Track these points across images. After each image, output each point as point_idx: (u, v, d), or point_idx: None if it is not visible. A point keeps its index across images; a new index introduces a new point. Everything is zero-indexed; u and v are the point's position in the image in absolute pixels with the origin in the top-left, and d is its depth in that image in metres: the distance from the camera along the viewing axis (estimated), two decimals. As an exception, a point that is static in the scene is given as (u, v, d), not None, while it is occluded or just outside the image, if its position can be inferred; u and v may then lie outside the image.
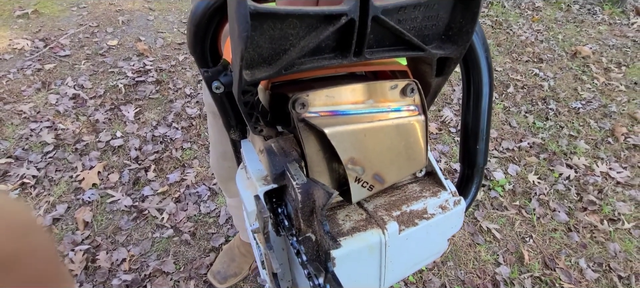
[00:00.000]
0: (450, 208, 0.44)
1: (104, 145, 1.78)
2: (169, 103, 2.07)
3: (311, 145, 0.39)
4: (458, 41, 0.37)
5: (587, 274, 1.46)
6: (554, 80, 2.55)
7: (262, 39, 0.29)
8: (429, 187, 0.46)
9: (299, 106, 0.36)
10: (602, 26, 3.31)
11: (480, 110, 0.49)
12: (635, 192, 1.80)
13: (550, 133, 2.12)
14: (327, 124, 0.37)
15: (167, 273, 1.35)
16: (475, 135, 0.50)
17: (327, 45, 0.33)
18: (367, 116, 0.39)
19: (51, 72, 2.18)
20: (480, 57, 0.46)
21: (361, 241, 0.38)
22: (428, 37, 0.37)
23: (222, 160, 0.89)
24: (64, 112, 1.93)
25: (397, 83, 0.40)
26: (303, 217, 0.35)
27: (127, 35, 2.60)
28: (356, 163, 0.38)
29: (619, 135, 2.12)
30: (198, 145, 1.84)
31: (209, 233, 1.48)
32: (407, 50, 0.36)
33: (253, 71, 0.31)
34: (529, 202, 1.72)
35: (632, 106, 2.37)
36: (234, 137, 0.52)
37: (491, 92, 0.49)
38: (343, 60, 0.34)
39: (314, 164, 0.39)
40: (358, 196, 0.41)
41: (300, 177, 0.36)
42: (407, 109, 0.41)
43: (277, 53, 0.31)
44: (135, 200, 1.57)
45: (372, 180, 0.40)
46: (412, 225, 0.41)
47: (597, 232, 1.62)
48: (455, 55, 0.39)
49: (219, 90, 0.41)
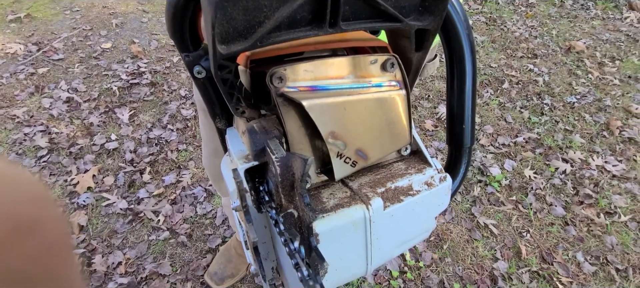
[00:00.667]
0: (436, 185, 0.44)
1: (99, 149, 1.77)
2: (163, 105, 2.06)
3: (291, 122, 0.38)
4: (434, 11, 0.38)
5: (584, 267, 1.47)
6: (549, 76, 2.56)
7: (235, 10, 0.29)
8: (414, 164, 0.46)
9: (276, 80, 0.36)
10: (595, 21, 3.33)
11: (465, 92, 0.49)
12: (631, 184, 1.81)
13: (545, 128, 2.12)
14: (305, 97, 0.37)
15: (163, 275, 1.34)
16: (461, 116, 0.50)
17: (302, 17, 0.33)
18: (347, 91, 0.39)
19: (44, 76, 2.16)
20: (462, 37, 0.47)
21: (345, 217, 0.38)
22: (405, 9, 0.37)
23: (214, 157, 0.88)
24: (58, 115, 1.91)
25: (377, 58, 0.40)
26: (283, 191, 0.35)
27: (120, 37, 2.59)
28: (337, 137, 0.38)
29: (614, 128, 2.13)
30: (193, 147, 1.83)
31: (206, 235, 1.47)
32: (385, 22, 0.36)
33: (228, 45, 0.31)
34: (526, 197, 1.72)
35: (626, 100, 2.38)
36: (220, 126, 0.52)
37: (474, 73, 0.49)
38: (319, 31, 0.34)
39: (295, 141, 0.39)
40: (341, 173, 0.40)
41: (280, 151, 0.36)
42: (388, 85, 0.41)
43: (251, 25, 0.31)
44: (131, 202, 1.56)
45: (355, 156, 0.40)
46: (397, 202, 0.41)
47: (593, 226, 1.62)
48: (433, 26, 0.39)
49: (201, 74, 0.41)
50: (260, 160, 0.38)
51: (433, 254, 1.48)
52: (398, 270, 1.41)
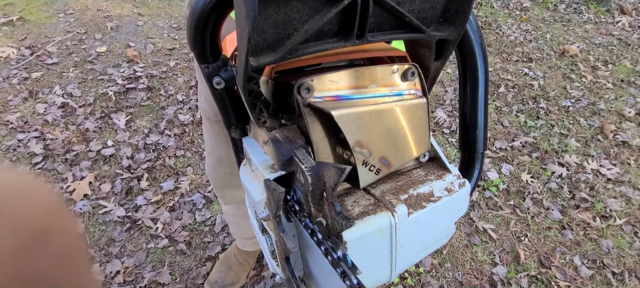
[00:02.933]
0: (455, 191, 0.45)
1: (95, 155, 1.75)
2: (160, 110, 2.04)
3: (317, 131, 0.39)
4: (455, 22, 0.39)
5: (581, 271, 1.48)
6: (544, 79, 2.60)
7: (266, 23, 0.30)
8: (433, 171, 0.47)
9: (304, 91, 0.37)
10: (588, 25, 3.38)
11: (477, 98, 0.50)
12: (625, 188, 1.84)
13: (541, 132, 2.15)
14: (333, 107, 0.37)
15: (162, 284, 1.32)
16: (474, 122, 0.51)
17: (329, 30, 0.34)
18: (370, 100, 0.40)
19: (38, 80, 2.13)
20: (475, 46, 0.48)
21: (372, 224, 0.38)
22: (426, 20, 0.38)
23: (218, 166, 0.87)
24: (53, 121, 1.89)
25: (397, 67, 0.41)
26: (313, 200, 0.35)
27: (116, 41, 2.56)
28: (363, 146, 0.39)
29: (608, 132, 2.16)
30: (192, 152, 1.82)
31: (205, 242, 1.46)
32: (408, 32, 0.38)
33: (258, 57, 0.32)
34: (523, 201, 1.74)
35: (619, 103, 2.42)
36: (234, 136, 0.53)
37: (487, 80, 0.50)
38: (346, 43, 0.35)
39: (320, 150, 0.40)
40: (366, 181, 0.41)
41: (309, 160, 0.37)
42: (408, 93, 0.42)
43: (281, 38, 0.32)
44: (129, 210, 1.54)
45: (379, 163, 0.41)
46: (420, 208, 0.41)
47: (590, 229, 1.64)
48: (453, 37, 0.40)
49: (220, 85, 0.41)
50: (288, 169, 0.39)
51: (433, 259, 1.49)
52: (398, 276, 1.42)
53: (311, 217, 0.35)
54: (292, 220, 0.40)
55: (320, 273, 0.40)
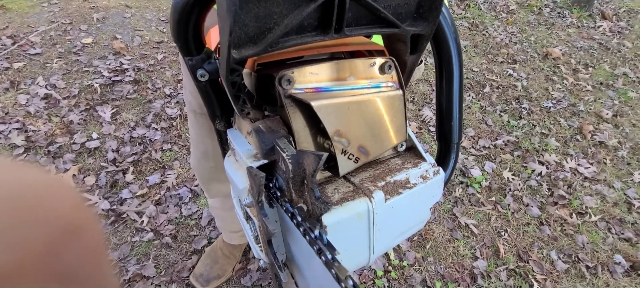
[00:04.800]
0: (430, 178, 0.47)
1: (79, 147, 1.72)
2: (147, 103, 2.02)
3: (298, 121, 0.41)
4: (428, 18, 0.41)
5: (557, 265, 1.54)
6: (527, 81, 2.67)
7: (247, 17, 0.31)
8: (410, 159, 0.49)
9: (285, 82, 0.39)
10: (571, 29, 3.49)
11: (453, 91, 0.53)
12: (601, 186, 1.91)
13: (523, 131, 2.21)
14: (313, 98, 0.39)
15: (147, 277, 1.32)
16: (449, 113, 0.54)
17: (309, 24, 0.36)
18: (349, 92, 0.42)
19: (20, 71, 2.08)
20: (450, 40, 0.50)
21: (350, 209, 0.40)
22: (402, 16, 0.40)
23: (204, 160, 0.88)
24: (35, 112, 1.84)
25: (375, 60, 0.43)
26: (294, 187, 0.37)
27: (102, 33, 2.51)
28: (342, 135, 0.41)
29: (586, 132, 2.24)
30: (179, 146, 1.81)
31: (191, 236, 1.46)
32: (384, 27, 0.40)
33: (240, 50, 0.33)
34: (504, 198, 1.79)
35: (598, 105, 2.51)
36: (219, 128, 0.54)
37: (461, 73, 0.52)
38: (325, 37, 0.36)
39: (301, 139, 0.42)
40: (345, 168, 0.43)
41: (290, 149, 0.38)
42: (386, 85, 0.44)
43: (262, 31, 0.33)
44: (113, 203, 1.52)
45: (358, 152, 0.43)
46: (397, 194, 0.44)
47: (566, 225, 1.71)
48: (427, 32, 0.42)
49: (204, 77, 0.42)
50: (270, 158, 0.40)
51: (416, 254, 1.52)
52: (382, 269, 1.45)
53: (292, 203, 0.37)
54: (274, 206, 0.42)
55: (301, 255, 0.42)
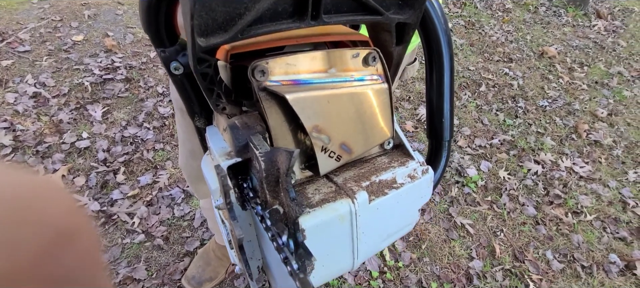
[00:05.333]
0: (418, 177, 0.44)
1: (69, 147, 1.68)
2: (139, 102, 1.98)
3: (274, 116, 0.38)
4: (414, 5, 0.38)
5: (553, 265, 1.54)
6: (523, 79, 2.66)
7: (214, 1, 0.29)
8: (397, 158, 0.46)
9: (258, 74, 0.36)
10: (566, 28, 3.49)
11: (443, 86, 0.50)
12: (596, 185, 1.91)
13: (519, 130, 2.21)
14: (289, 91, 0.36)
15: (138, 280, 1.29)
16: (440, 110, 0.51)
17: (283, 9, 0.33)
18: (330, 85, 0.39)
19: (9, 69, 2.03)
20: (440, 32, 0.47)
21: (331, 211, 0.38)
22: (385, 2, 0.37)
23: (191, 159, 0.85)
24: (24, 111, 1.80)
25: (358, 52, 0.40)
26: (268, 187, 0.34)
27: (93, 30, 2.47)
28: (321, 131, 0.38)
29: (581, 131, 2.24)
30: (171, 146, 1.78)
31: (183, 237, 1.44)
32: (366, 15, 0.37)
33: (208, 37, 0.31)
34: (500, 198, 1.78)
35: (593, 104, 2.51)
36: (199, 125, 0.51)
37: (452, 67, 0.50)
38: (301, 24, 0.34)
39: (278, 136, 0.39)
40: (326, 167, 0.40)
41: (264, 146, 0.35)
42: (370, 78, 0.41)
43: (232, 17, 0.31)
44: (103, 204, 1.49)
45: (340, 150, 0.40)
46: (382, 195, 0.41)
47: (562, 225, 1.70)
48: (413, 20, 0.40)
49: (178, 71, 0.39)
50: (244, 156, 0.37)
51: (412, 254, 1.51)
52: (378, 270, 1.43)
53: (267, 204, 0.34)
54: (247, 208, 0.39)
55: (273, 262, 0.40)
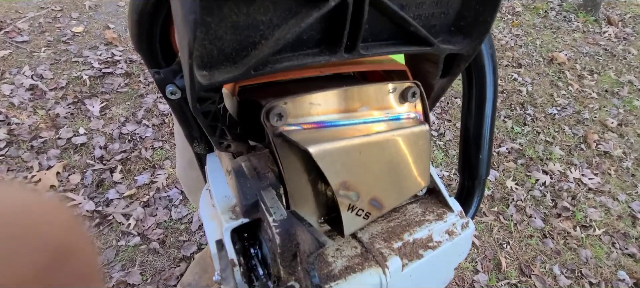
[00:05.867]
0: (458, 234, 0.38)
1: (65, 143, 1.64)
2: (139, 98, 1.93)
3: (291, 166, 0.31)
4: (472, 33, 0.30)
5: (560, 281, 1.49)
6: (532, 86, 2.61)
7: (221, 28, 0.22)
8: (432, 208, 0.40)
9: (274, 118, 0.29)
10: (576, 33, 3.42)
11: (484, 116, 0.44)
12: (605, 198, 1.86)
13: (527, 138, 2.15)
14: (312, 140, 0.29)
15: (132, 285, 1.25)
16: (477, 143, 0.45)
17: (309, 37, 0.26)
18: (360, 128, 0.32)
19: (6, 59, 1.98)
20: (485, 57, 0.41)
21: (358, 285, 0.32)
22: (435, 29, 0.30)
23: (190, 169, 0.80)
24: (20, 104, 1.75)
25: (395, 86, 0.34)
26: (283, 262, 0.28)
27: (94, 21, 2.41)
28: (350, 188, 0.31)
29: (591, 141, 2.18)
30: (170, 145, 1.73)
31: (180, 241, 1.39)
32: (411, 45, 0.30)
33: (212, 72, 0.24)
34: (507, 208, 1.73)
35: (603, 113, 2.45)
36: (198, 151, 0.44)
37: (495, 96, 0.44)
38: (331, 56, 0.26)
39: (295, 189, 0.32)
40: (352, 227, 0.34)
41: (279, 210, 0.29)
42: (407, 117, 0.35)
43: (243, 47, 0.24)
44: (99, 204, 1.45)
45: (369, 206, 0.33)
46: (417, 258, 0.35)
47: (570, 238, 1.66)
48: (467, 51, 0.32)
49: (175, 95, 0.32)
50: (252, 216, 0.31)
51: (415, 265, 1.46)
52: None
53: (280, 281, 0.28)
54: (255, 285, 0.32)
55: None
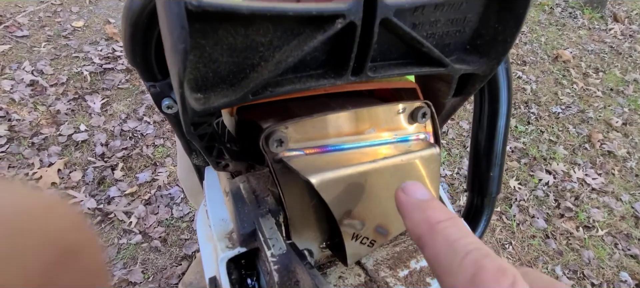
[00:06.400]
0: None
1: (66, 140, 1.63)
2: (140, 94, 1.92)
3: (292, 192, 0.30)
4: (489, 53, 0.28)
5: (562, 282, 1.49)
6: (536, 84, 2.58)
7: (217, 50, 0.21)
8: None
9: (274, 144, 0.28)
10: (582, 30, 3.38)
11: (496, 134, 0.42)
12: (608, 198, 1.85)
13: (531, 137, 2.14)
14: (315, 169, 0.28)
15: (134, 283, 1.25)
16: (488, 159, 0.43)
17: (313, 58, 0.24)
18: (367, 151, 0.31)
19: (5, 54, 1.96)
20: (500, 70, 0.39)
21: None
22: (449, 47, 0.28)
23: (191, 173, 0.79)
24: (20, 100, 1.74)
25: (405, 106, 0.32)
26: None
27: (94, 16, 2.39)
28: (354, 216, 0.30)
29: (595, 141, 2.17)
30: (171, 142, 1.72)
31: (182, 240, 1.39)
32: (423, 66, 0.28)
33: (207, 96, 0.22)
34: (510, 208, 1.72)
35: (607, 112, 2.43)
36: (196, 163, 0.43)
37: (509, 111, 0.42)
38: (336, 80, 0.25)
39: (296, 215, 0.31)
40: (355, 256, 0.32)
41: (278, 243, 0.27)
42: (416, 139, 0.33)
43: (241, 70, 0.23)
44: (100, 202, 1.44)
45: (374, 234, 0.32)
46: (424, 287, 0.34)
47: (572, 239, 1.65)
48: (484, 71, 0.29)
49: (172, 109, 0.31)
50: (250, 246, 0.30)
51: (417, 265, 1.46)
52: None
53: None
54: None
55: None
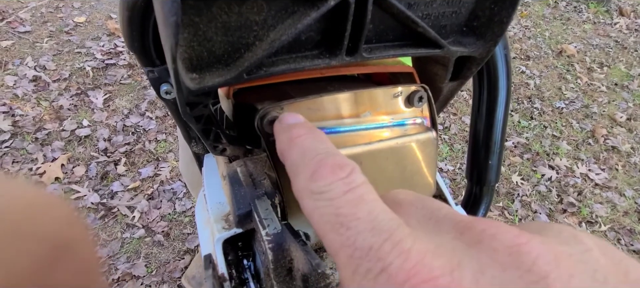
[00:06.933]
0: None
1: (69, 135, 1.64)
2: (142, 89, 1.92)
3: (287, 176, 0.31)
4: (486, 35, 0.28)
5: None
6: (540, 79, 2.56)
7: (211, 29, 0.21)
8: None
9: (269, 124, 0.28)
10: (586, 25, 3.34)
11: (495, 122, 0.42)
12: (611, 194, 1.84)
13: (534, 133, 2.13)
14: None
15: (137, 277, 1.26)
16: (487, 148, 0.43)
17: (308, 38, 0.24)
18: (363, 135, 0.31)
19: (8, 50, 1.97)
20: (499, 56, 0.39)
21: None
22: (445, 29, 0.28)
23: (193, 165, 0.79)
24: (23, 96, 1.75)
25: (401, 89, 0.32)
26: (277, 278, 0.27)
27: (96, 11, 2.39)
28: None
29: (599, 136, 2.15)
30: (173, 138, 1.72)
31: (185, 234, 1.40)
32: (419, 47, 0.28)
33: (202, 75, 0.22)
34: (512, 203, 1.72)
35: (612, 107, 2.41)
36: (196, 151, 0.43)
37: (508, 98, 0.42)
38: (331, 59, 0.25)
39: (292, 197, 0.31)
40: None
41: (273, 222, 0.27)
42: (412, 123, 0.33)
43: (236, 49, 0.23)
44: (103, 196, 1.45)
45: None
46: None
47: (575, 235, 1.65)
48: (480, 54, 0.30)
49: (170, 95, 0.31)
50: (246, 227, 0.30)
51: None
52: None
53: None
54: None
55: None
